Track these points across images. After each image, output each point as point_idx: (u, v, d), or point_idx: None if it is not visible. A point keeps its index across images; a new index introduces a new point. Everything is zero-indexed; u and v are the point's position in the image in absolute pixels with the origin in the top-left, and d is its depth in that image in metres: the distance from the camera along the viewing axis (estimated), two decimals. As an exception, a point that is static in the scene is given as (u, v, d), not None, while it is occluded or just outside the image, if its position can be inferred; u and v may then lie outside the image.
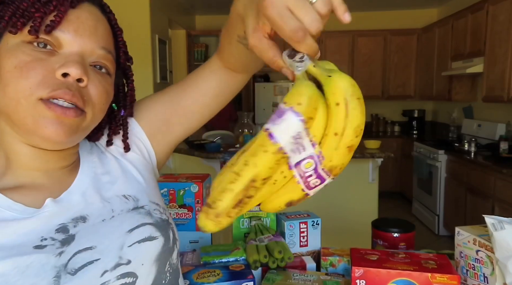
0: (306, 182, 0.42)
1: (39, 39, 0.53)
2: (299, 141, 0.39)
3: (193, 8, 5.49)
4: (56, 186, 0.59)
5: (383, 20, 5.66)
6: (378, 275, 0.78)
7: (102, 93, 0.57)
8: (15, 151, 0.57)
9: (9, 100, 0.52)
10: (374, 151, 3.39)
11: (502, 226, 0.77)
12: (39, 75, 0.51)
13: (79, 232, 0.55)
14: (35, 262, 0.49)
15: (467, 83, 4.45)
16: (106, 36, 0.59)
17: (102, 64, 0.58)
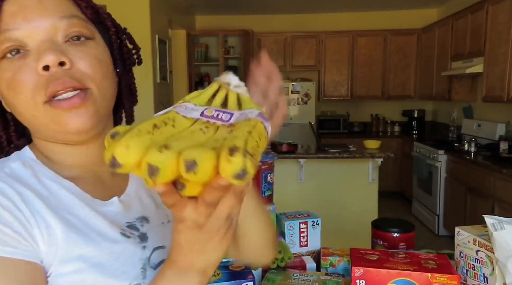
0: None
1: (6, 49, 0.50)
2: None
3: (193, 8, 5.49)
4: (110, 185, 0.60)
5: (383, 20, 5.66)
6: (378, 275, 0.78)
7: (92, 62, 0.53)
8: (53, 150, 0.57)
9: (28, 117, 0.53)
10: (374, 151, 3.39)
11: (502, 226, 0.77)
12: (28, 83, 0.50)
13: (148, 231, 0.57)
14: (125, 251, 0.52)
15: (467, 83, 4.45)
16: (59, 2, 0.53)
17: (75, 33, 0.53)
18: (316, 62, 5.60)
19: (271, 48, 5.57)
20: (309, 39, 5.55)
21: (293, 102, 5.42)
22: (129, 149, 0.34)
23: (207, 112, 0.41)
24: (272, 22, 5.79)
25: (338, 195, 3.39)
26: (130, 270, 0.51)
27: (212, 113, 0.40)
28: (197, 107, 0.41)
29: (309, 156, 3.30)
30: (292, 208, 1.20)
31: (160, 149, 0.34)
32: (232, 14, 5.76)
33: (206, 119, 0.40)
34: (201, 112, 0.41)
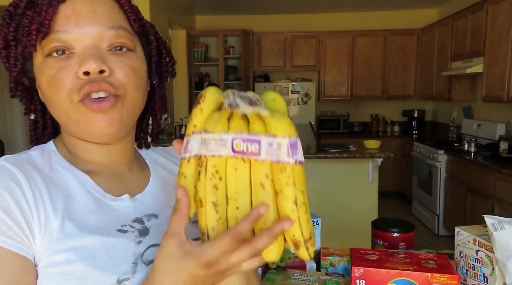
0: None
1: (53, 48, 0.54)
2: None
3: (193, 8, 5.49)
4: (126, 183, 0.63)
5: (383, 20, 5.66)
6: (378, 275, 0.78)
7: (128, 73, 0.56)
8: (77, 146, 0.61)
9: (61, 113, 0.56)
10: (374, 151, 3.39)
11: (502, 226, 0.77)
12: (67, 83, 0.53)
13: (153, 227, 0.59)
14: (118, 245, 0.53)
15: (467, 83, 4.45)
16: (110, 12, 0.57)
17: (119, 44, 0.56)
18: (316, 62, 5.60)
19: (271, 48, 5.57)
20: (309, 39, 5.55)
21: (293, 102, 5.42)
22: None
23: (236, 147, 0.42)
24: (272, 22, 5.79)
25: (338, 195, 3.39)
26: (120, 264, 0.52)
27: (241, 147, 0.42)
28: (223, 138, 0.43)
29: (309, 156, 3.30)
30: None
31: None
32: (232, 14, 5.76)
33: (240, 156, 0.42)
34: (231, 147, 0.43)
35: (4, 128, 4.97)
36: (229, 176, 0.43)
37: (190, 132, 0.46)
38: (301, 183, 0.42)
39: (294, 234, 0.42)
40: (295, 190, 0.42)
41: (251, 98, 0.43)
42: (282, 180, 0.42)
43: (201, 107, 0.46)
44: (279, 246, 0.43)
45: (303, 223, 0.42)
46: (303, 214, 0.42)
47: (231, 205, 0.43)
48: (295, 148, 0.42)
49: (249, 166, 0.43)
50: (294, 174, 0.42)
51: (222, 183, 0.43)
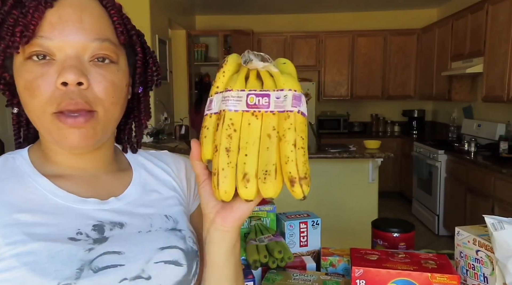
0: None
1: (34, 52, 0.53)
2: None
3: (193, 8, 5.49)
4: (99, 187, 0.62)
5: (383, 20, 5.66)
6: (378, 275, 0.78)
7: (107, 88, 0.56)
8: (51, 148, 0.60)
9: (33, 117, 0.56)
10: (374, 151, 3.39)
11: (502, 226, 0.77)
12: (44, 92, 0.53)
13: (114, 236, 0.57)
14: (65, 251, 0.52)
15: (467, 83, 4.45)
16: (98, 24, 0.56)
17: (101, 55, 0.56)
18: (316, 62, 5.60)
19: (271, 48, 5.57)
20: (309, 39, 5.55)
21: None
22: (228, 192, 0.49)
23: (250, 101, 0.50)
24: (272, 22, 5.79)
25: (338, 195, 3.39)
26: (63, 269, 0.50)
27: (254, 101, 0.50)
28: (240, 95, 0.50)
29: (309, 156, 3.30)
30: (292, 208, 1.20)
31: (245, 183, 0.48)
32: (232, 14, 5.76)
33: (252, 110, 0.50)
34: (246, 102, 0.50)
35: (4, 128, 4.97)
36: (243, 129, 0.50)
37: (213, 93, 0.52)
38: (301, 130, 0.48)
39: (290, 171, 0.47)
40: (295, 134, 0.48)
41: (263, 56, 0.50)
42: (285, 126, 0.48)
43: (223, 70, 0.53)
44: (278, 184, 0.48)
45: (300, 163, 0.47)
46: (301, 156, 0.48)
47: (242, 152, 0.49)
48: (299, 100, 0.49)
49: (261, 121, 0.50)
50: (296, 121, 0.48)
51: (236, 134, 0.50)
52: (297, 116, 0.48)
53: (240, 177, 0.49)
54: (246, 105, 0.50)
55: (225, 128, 0.50)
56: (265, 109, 0.49)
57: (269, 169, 0.48)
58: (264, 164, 0.49)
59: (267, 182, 0.48)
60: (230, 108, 0.50)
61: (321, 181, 3.40)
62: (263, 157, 0.49)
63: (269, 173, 0.48)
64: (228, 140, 0.50)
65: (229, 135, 0.50)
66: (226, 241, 0.55)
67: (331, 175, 3.40)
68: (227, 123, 0.50)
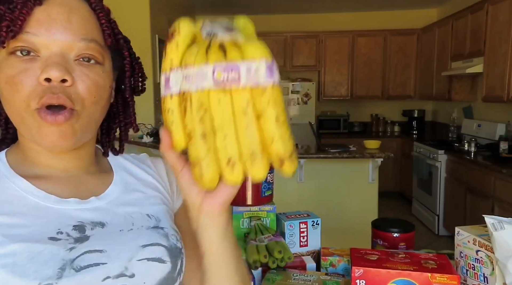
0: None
1: (19, 47, 0.53)
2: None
3: (193, 8, 5.49)
4: (80, 187, 0.61)
5: (383, 20, 5.66)
6: (378, 275, 0.78)
7: (90, 87, 0.56)
8: (31, 148, 0.60)
9: (14, 114, 0.55)
10: (374, 151, 3.39)
11: (502, 226, 0.77)
12: (26, 87, 0.52)
13: (95, 235, 0.56)
14: (46, 251, 0.51)
15: (467, 83, 4.45)
16: (85, 24, 0.56)
17: (87, 55, 0.56)
18: (316, 62, 5.60)
19: (271, 48, 5.51)
20: (309, 39, 5.55)
21: (293, 102, 5.42)
22: (213, 179, 0.46)
23: (217, 76, 0.43)
24: (272, 22, 5.79)
25: (338, 195, 3.39)
26: (44, 270, 0.50)
27: (222, 76, 0.43)
28: (204, 70, 0.44)
29: (309, 156, 3.30)
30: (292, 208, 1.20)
31: (230, 168, 0.45)
32: (232, 14, 5.76)
33: (222, 85, 0.44)
34: (212, 78, 0.44)
35: (4, 128, 4.97)
36: (214, 108, 0.45)
37: (168, 69, 0.46)
38: (280, 102, 0.45)
39: (279, 150, 0.44)
40: (277, 108, 0.44)
41: (227, 25, 0.44)
42: (263, 101, 0.44)
43: (176, 41, 0.45)
44: (266, 164, 0.45)
45: (286, 139, 0.44)
46: (286, 131, 0.44)
47: (219, 135, 0.45)
48: (273, 69, 0.44)
49: (230, 97, 0.44)
50: (274, 94, 0.44)
51: (208, 115, 0.45)
52: (274, 88, 0.44)
53: (224, 162, 0.45)
54: (213, 82, 0.44)
55: (196, 112, 0.45)
56: (236, 84, 0.43)
57: (254, 150, 0.45)
58: (247, 146, 0.45)
59: (255, 164, 0.45)
60: (195, 87, 0.44)
61: (321, 181, 3.40)
62: (244, 137, 0.45)
63: (255, 154, 0.45)
64: (202, 125, 0.45)
65: (201, 118, 0.45)
66: (217, 225, 0.54)
67: (331, 175, 3.40)
68: (195, 105, 0.45)
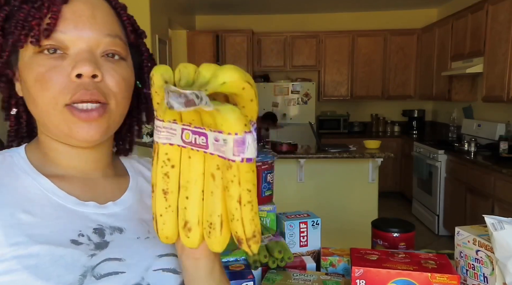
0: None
1: (47, 46, 0.53)
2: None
3: (193, 8, 5.49)
4: (97, 190, 0.61)
5: (383, 20, 5.66)
6: (378, 275, 0.78)
7: (119, 82, 0.57)
8: (52, 148, 0.60)
9: (41, 112, 0.55)
10: (374, 151, 3.39)
11: (502, 226, 0.77)
12: (57, 84, 0.53)
13: (114, 241, 0.56)
14: (68, 256, 0.51)
15: (467, 83, 4.45)
16: (108, 20, 0.57)
17: (112, 51, 0.57)
18: (316, 62, 5.60)
19: (271, 48, 5.57)
20: (309, 39, 5.55)
21: (293, 102, 5.42)
22: (169, 237, 0.47)
23: (185, 137, 0.43)
24: (272, 22, 5.79)
25: (338, 195, 3.39)
26: (65, 275, 0.49)
27: (190, 138, 0.43)
28: (172, 127, 0.43)
29: (309, 156, 3.30)
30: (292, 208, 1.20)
31: (186, 232, 0.45)
32: (232, 14, 5.76)
33: (190, 147, 0.43)
34: (181, 137, 0.43)
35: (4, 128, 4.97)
36: (183, 163, 0.44)
37: (156, 113, 0.45)
38: (247, 181, 0.41)
39: (237, 231, 0.43)
40: (240, 189, 0.41)
41: (187, 96, 0.37)
42: (228, 177, 0.41)
43: (155, 90, 0.43)
44: (224, 239, 0.45)
45: (246, 222, 0.42)
46: (248, 213, 0.42)
47: (182, 194, 0.44)
48: (242, 145, 0.40)
49: (203, 156, 0.43)
50: (240, 172, 0.41)
51: (175, 170, 0.44)
52: (240, 166, 0.40)
53: (182, 225, 0.44)
54: (182, 141, 0.43)
55: (160, 166, 0.44)
56: (203, 150, 0.42)
57: (213, 221, 0.43)
58: (208, 214, 0.44)
59: (212, 237, 0.44)
60: (164, 142, 0.43)
61: (321, 181, 3.40)
62: (207, 204, 0.44)
63: (214, 226, 0.43)
64: (165, 180, 0.44)
65: (165, 174, 0.44)
66: (199, 268, 0.53)
67: (331, 175, 3.40)
68: (161, 159, 0.44)
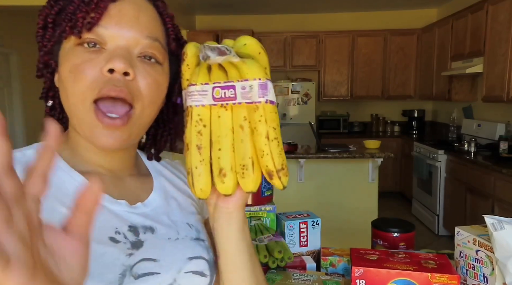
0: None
1: (86, 39, 0.54)
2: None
3: (193, 8, 5.49)
4: (126, 189, 0.62)
5: (383, 20, 5.66)
6: (378, 275, 0.78)
7: (150, 84, 0.56)
8: (81, 144, 0.60)
9: (71, 105, 0.55)
10: (374, 151, 3.39)
11: (502, 226, 0.77)
12: (89, 76, 0.53)
13: (147, 240, 0.57)
14: (108, 254, 0.52)
15: (467, 83, 4.45)
16: (151, 24, 0.58)
17: (149, 53, 0.57)
18: (316, 62, 5.60)
19: (271, 48, 5.57)
20: (309, 39, 5.55)
21: (293, 102, 5.42)
22: (203, 189, 0.50)
23: (216, 94, 0.48)
24: (272, 22, 5.79)
25: (338, 195, 3.39)
26: (107, 273, 0.50)
27: (220, 94, 0.48)
28: (204, 89, 0.49)
29: (309, 156, 3.30)
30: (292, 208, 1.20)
31: (221, 178, 0.49)
32: (232, 14, 5.76)
33: (220, 103, 0.48)
34: (212, 95, 0.48)
35: (4, 128, 4.97)
36: (213, 122, 0.49)
37: (185, 86, 0.51)
38: (272, 120, 0.48)
39: (267, 165, 0.47)
40: (267, 126, 0.47)
41: (220, 48, 0.47)
42: (256, 118, 0.47)
43: (186, 63, 0.51)
44: (256, 177, 0.49)
45: (275, 155, 0.47)
46: (275, 148, 0.48)
47: (215, 147, 0.49)
48: (265, 89, 0.47)
49: (231, 112, 0.49)
50: (265, 111, 0.47)
51: (206, 129, 0.49)
52: (266, 106, 0.47)
53: (216, 172, 0.48)
54: (213, 98, 0.48)
55: (194, 125, 0.49)
56: (232, 101, 0.48)
57: (246, 163, 0.48)
58: (240, 158, 0.48)
59: (246, 176, 0.48)
60: (196, 104, 0.49)
61: (321, 181, 3.40)
62: (238, 150, 0.48)
63: (247, 167, 0.48)
64: (199, 137, 0.49)
65: (199, 132, 0.49)
66: (232, 223, 0.56)
67: (331, 175, 3.41)
68: (195, 119, 0.49)
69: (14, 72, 5.00)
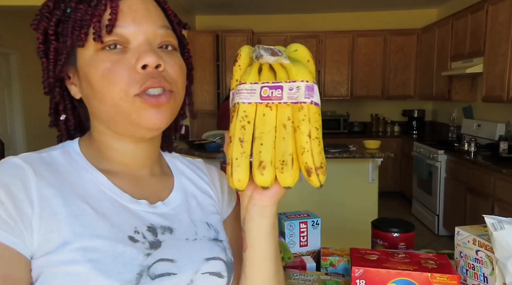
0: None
1: (109, 42, 0.54)
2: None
3: (193, 8, 5.49)
4: (146, 188, 0.63)
5: (383, 20, 5.66)
6: (378, 275, 0.78)
7: (178, 71, 0.58)
8: (106, 145, 0.61)
9: (109, 107, 0.55)
10: (374, 151, 3.39)
11: (502, 226, 0.77)
12: (124, 76, 0.54)
13: (166, 241, 0.58)
14: (126, 253, 0.52)
15: (467, 83, 4.45)
16: (159, 14, 0.59)
17: (166, 42, 0.59)
18: (316, 62, 5.60)
19: (271, 48, 5.57)
20: (309, 39, 5.55)
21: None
22: (241, 180, 0.51)
23: (264, 93, 0.51)
24: (272, 22, 5.79)
25: (338, 195, 3.39)
26: (125, 272, 0.51)
27: (267, 93, 0.51)
28: (253, 87, 0.52)
29: (309, 156, 3.29)
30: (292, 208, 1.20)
31: (261, 170, 0.50)
32: (232, 14, 5.76)
33: (266, 101, 0.51)
34: (259, 94, 0.51)
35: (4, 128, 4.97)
36: (258, 120, 0.52)
37: (234, 86, 0.54)
38: (315, 121, 0.50)
39: (307, 162, 0.49)
40: (310, 125, 0.50)
41: (273, 49, 0.50)
42: (300, 117, 0.50)
43: (238, 64, 0.55)
44: (294, 173, 0.51)
45: (315, 153, 0.50)
46: (316, 146, 0.50)
47: (257, 142, 0.51)
48: (312, 91, 0.50)
49: (275, 112, 0.51)
50: (310, 112, 0.50)
51: (250, 126, 0.52)
52: (310, 107, 0.50)
53: (256, 165, 0.50)
54: (260, 97, 0.51)
55: (239, 120, 0.52)
56: (278, 101, 0.51)
57: (286, 159, 0.50)
58: (280, 154, 0.50)
59: (284, 171, 0.50)
60: (244, 101, 0.52)
61: (321, 181, 3.39)
62: (279, 147, 0.51)
63: (286, 162, 0.50)
64: (242, 131, 0.52)
65: (242, 126, 0.52)
66: (265, 216, 0.57)
67: (331, 175, 3.39)
68: (240, 115, 0.52)
69: (14, 72, 5.00)
